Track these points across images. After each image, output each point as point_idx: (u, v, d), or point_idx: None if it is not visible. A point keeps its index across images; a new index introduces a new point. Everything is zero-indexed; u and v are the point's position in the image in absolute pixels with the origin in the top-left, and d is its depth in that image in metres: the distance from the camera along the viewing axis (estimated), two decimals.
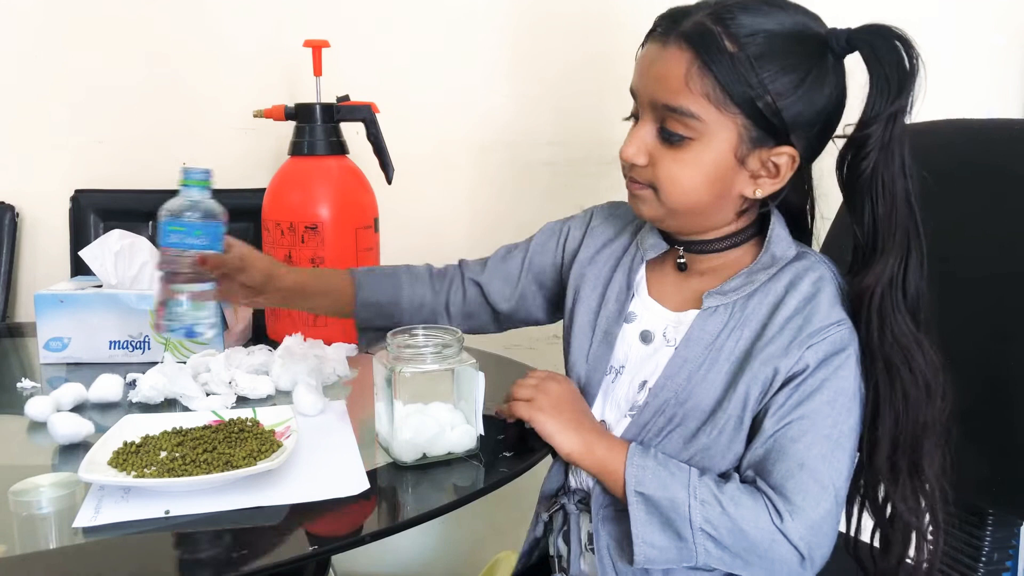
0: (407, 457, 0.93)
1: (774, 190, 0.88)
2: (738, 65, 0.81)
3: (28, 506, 0.82)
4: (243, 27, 1.72)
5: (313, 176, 1.39)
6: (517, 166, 1.69)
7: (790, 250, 0.91)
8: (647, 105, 0.88)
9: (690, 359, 0.89)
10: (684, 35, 0.83)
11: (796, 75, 0.83)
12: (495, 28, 1.66)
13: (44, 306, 1.29)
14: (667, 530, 0.84)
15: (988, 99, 1.58)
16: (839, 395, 0.84)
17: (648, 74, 0.87)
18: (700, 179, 0.86)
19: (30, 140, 1.79)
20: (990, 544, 1.03)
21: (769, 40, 0.82)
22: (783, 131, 0.84)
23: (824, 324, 0.84)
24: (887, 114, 0.82)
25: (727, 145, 0.85)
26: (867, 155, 0.83)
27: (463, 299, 1.11)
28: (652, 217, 0.93)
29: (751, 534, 0.81)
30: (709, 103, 0.83)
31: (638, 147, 0.88)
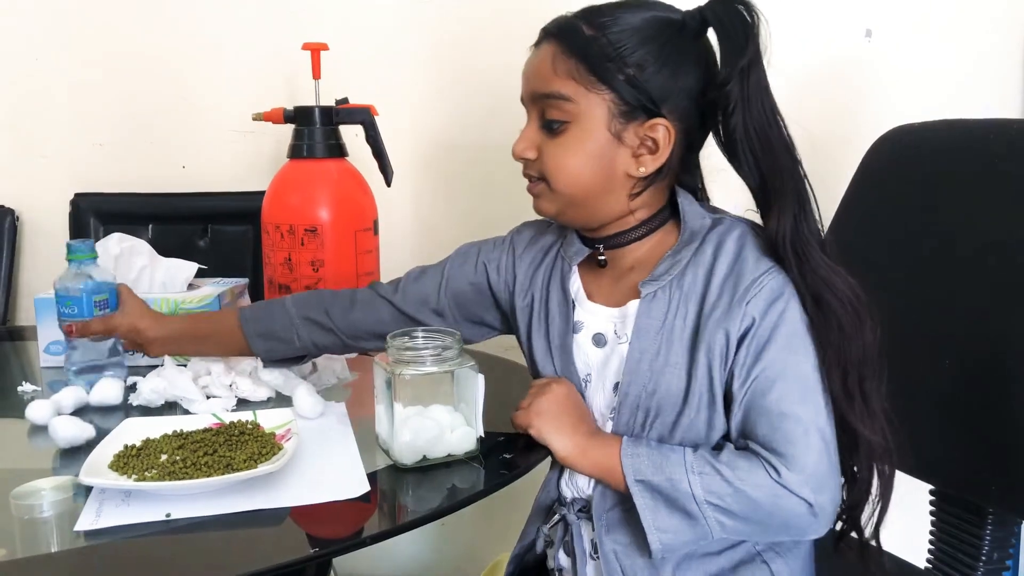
0: (407, 459, 0.93)
1: (657, 165, 0.90)
2: (596, 44, 0.87)
3: (29, 509, 0.83)
4: (242, 31, 1.72)
5: (312, 179, 1.39)
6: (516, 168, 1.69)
7: (705, 219, 0.93)
8: (528, 102, 0.95)
9: (646, 349, 0.90)
10: (549, 32, 0.92)
11: (652, 47, 0.87)
12: (494, 30, 1.66)
13: (44, 310, 1.30)
14: (675, 511, 0.85)
15: (987, 99, 1.58)
16: (791, 338, 0.85)
17: (526, 75, 0.95)
18: (582, 160, 0.90)
19: (30, 144, 1.80)
20: (990, 543, 1.04)
21: (625, 22, 0.88)
22: (651, 104, 0.88)
23: (755, 275, 0.86)
24: (739, 68, 0.85)
25: (601, 122, 0.89)
26: (733, 112, 0.86)
27: (369, 319, 1.09)
28: (552, 212, 0.96)
29: (755, 495, 0.82)
30: (576, 83, 0.88)
31: (526, 143, 0.94)
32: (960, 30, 1.57)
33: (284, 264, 1.37)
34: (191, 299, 1.30)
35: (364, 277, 1.40)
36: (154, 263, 1.37)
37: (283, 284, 1.38)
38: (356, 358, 1.29)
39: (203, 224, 1.73)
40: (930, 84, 1.56)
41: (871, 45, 1.56)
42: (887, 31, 1.56)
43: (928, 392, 1.03)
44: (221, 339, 1.12)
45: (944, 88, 1.57)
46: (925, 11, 1.56)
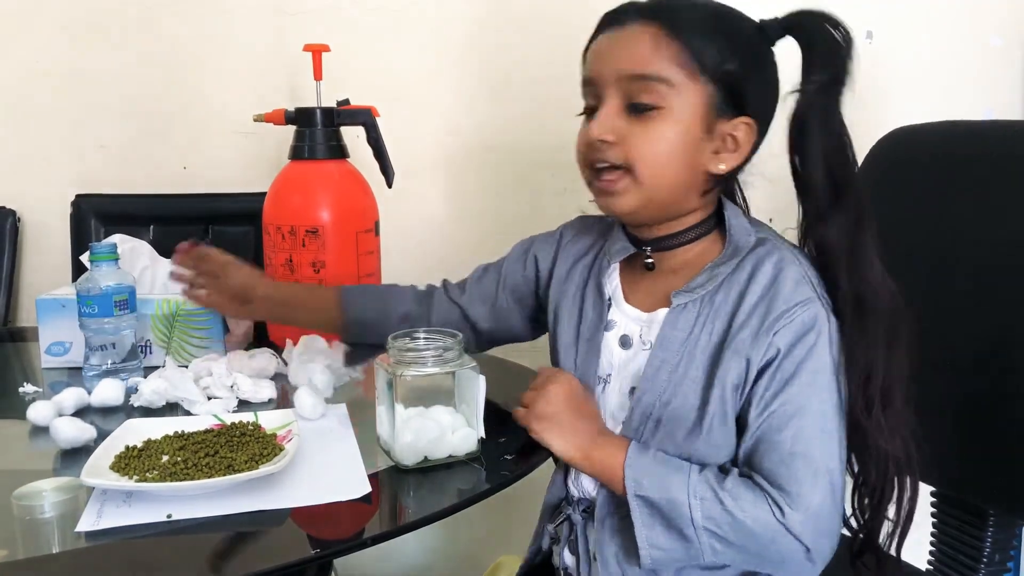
0: (408, 460, 0.93)
1: (735, 164, 0.90)
2: (703, 31, 0.86)
3: (31, 510, 0.83)
4: (244, 32, 1.72)
5: (314, 180, 1.39)
6: (517, 169, 1.69)
7: (750, 237, 0.91)
8: (611, 82, 0.88)
9: (667, 359, 0.89)
10: (644, 11, 0.87)
11: (748, 47, 0.88)
12: (495, 31, 1.67)
13: (46, 311, 1.30)
14: (670, 531, 0.84)
15: (987, 101, 1.58)
16: (816, 375, 0.83)
17: (610, 55, 0.89)
18: (671, 148, 0.87)
19: (31, 144, 1.80)
20: (991, 545, 1.04)
21: (719, 16, 0.88)
22: (742, 101, 0.87)
23: (788, 306, 0.84)
24: (826, 86, 0.86)
25: (695, 113, 0.87)
26: (812, 128, 0.87)
27: (446, 321, 1.13)
28: (628, 209, 0.91)
29: (754, 529, 0.81)
30: (680, 68, 0.85)
31: (604, 126, 0.88)
32: (961, 31, 1.57)
33: (285, 265, 1.37)
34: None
35: (365, 279, 1.40)
36: (155, 264, 1.38)
37: None
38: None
39: (204, 225, 1.73)
40: (931, 86, 1.56)
41: (872, 47, 1.56)
42: (888, 33, 1.56)
43: (929, 394, 1.03)
44: (315, 311, 1.18)
45: (945, 89, 1.57)
46: (925, 13, 1.56)
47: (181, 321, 1.30)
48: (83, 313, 1.19)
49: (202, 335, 1.30)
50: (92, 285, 1.18)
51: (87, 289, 1.18)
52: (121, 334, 1.21)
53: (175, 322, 1.30)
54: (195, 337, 1.30)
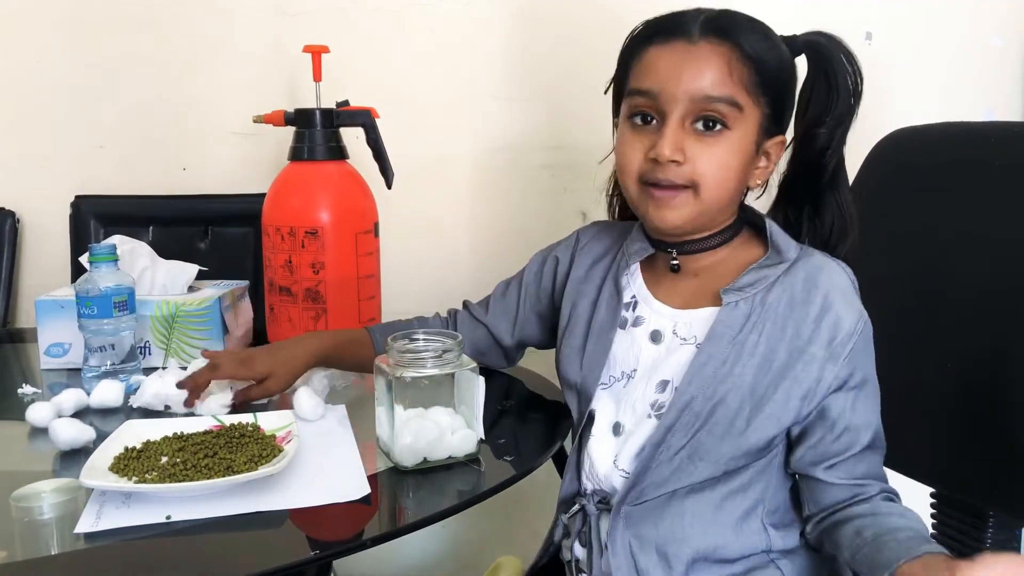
0: (408, 462, 0.93)
1: (767, 177, 0.95)
2: (771, 57, 0.89)
3: (30, 512, 0.83)
4: (243, 33, 1.72)
5: (313, 181, 1.39)
6: (516, 170, 1.69)
7: (791, 242, 0.93)
8: (681, 100, 0.87)
9: (715, 355, 0.89)
10: (714, 29, 0.88)
11: (789, 68, 0.92)
12: (494, 32, 1.66)
13: (45, 312, 1.30)
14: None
15: (987, 101, 1.58)
16: (870, 382, 0.90)
17: (682, 73, 0.87)
18: (735, 169, 0.90)
19: (31, 146, 1.80)
20: (991, 546, 1.03)
21: (770, 39, 0.90)
22: (782, 120, 0.92)
23: (853, 325, 0.88)
24: (845, 113, 0.92)
25: (752, 134, 0.90)
26: (833, 151, 0.93)
27: (473, 342, 1.16)
28: (680, 223, 0.91)
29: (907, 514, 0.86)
30: (747, 92, 0.88)
31: (674, 145, 0.88)
32: (961, 32, 1.57)
33: (285, 266, 1.37)
34: (192, 301, 1.30)
35: (365, 280, 1.40)
36: (155, 265, 1.37)
37: (284, 286, 1.38)
38: None
39: (204, 226, 1.73)
40: (931, 86, 1.56)
41: (871, 48, 1.56)
42: (887, 34, 1.56)
43: (929, 395, 1.03)
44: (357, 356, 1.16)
45: (945, 90, 1.57)
46: (925, 14, 1.56)
47: (180, 322, 1.30)
48: (82, 314, 1.19)
49: (201, 336, 1.30)
50: (91, 286, 1.18)
51: (86, 290, 1.18)
52: (120, 335, 1.21)
53: (174, 323, 1.30)
54: (194, 338, 1.30)
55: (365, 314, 1.41)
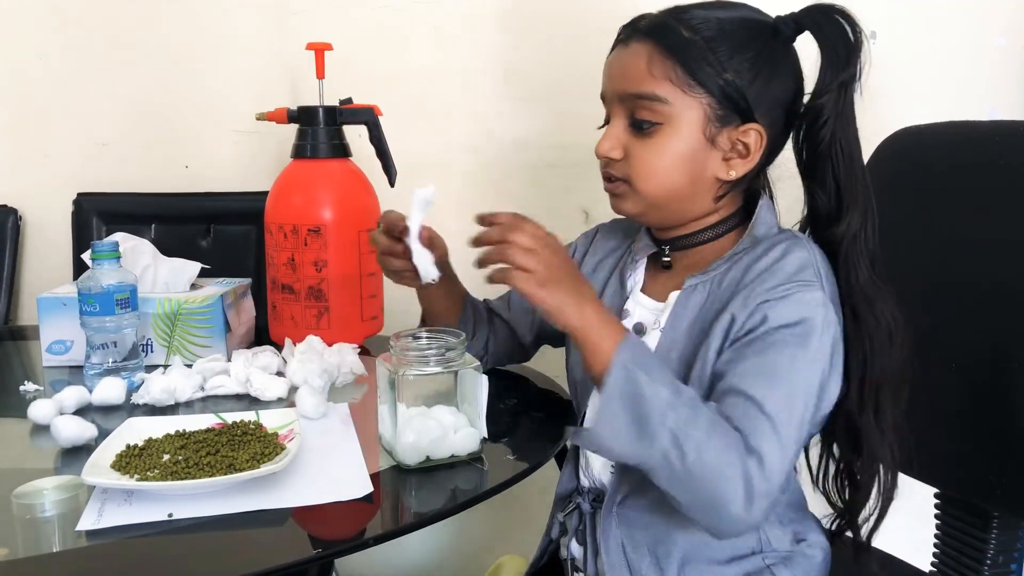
0: (410, 460, 0.93)
1: (747, 170, 0.92)
2: (695, 47, 0.87)
3: (31, 509, 0.83)
4: (246, 30, 1.72)
5: (316, 179, 1.39)
6: (519, 168, 1.69)
7: (772, 229, 0.92)
8: (616, 100, 0.92)
9: (676, 340, 0.90)
10: (643, 30, 0.91)
11: (750, 54, 0.88)
12: (498, 30, 1.66)
13: (47, 309, 1.30)
14: (634, 418, 0.78)
15: (991, 101, 1.58)
16: (799, 351, 0.82)
17: (613, 72, 0.93)
18: (672, 162, 0.90)
19: (33, 143, 1.80)
20: (995, 547, 1.03)
21: (721, 25, 0.89)
22: (747, 109, 0.89)
23: (785, 282, 0.84)
24: (838, 83, 0.87)
25: (695, 126, 0.89)
26: (825, 123, 0.88)
27: (496, 339, 1.17)
28: (634, 212, 0.95)
29: (717, 459, 0.76)
30: (673, 85, 0.88)
31: (612, 143, 0.92)
32: (964, 32, 1.56)
33: (287, 264, 1.37)
34: (194, 299, 1.30)
35: (367, 278, 1.40)
36: (157, 263, 1.37)
37: (286, 284, 1.38)
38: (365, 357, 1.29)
39: (206, 224, 1.73)
40: (935, 86, 1.56)
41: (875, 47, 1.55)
42: (891, 33, 1.55)
43: (933, 395, 1.03)
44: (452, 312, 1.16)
45: (949, 90, 1.56)
46: (929, 13, 1.56)
47: (182, 320, 1.29)
48: (84, 312, 1.19)
49: (203, 334, 1.30)
50: (93, 283, 1.18)
51: (88, 288, 1.18)
52: (122, 333, 1.21)
53: (176, 321, 1.30)
54: (196, 336, 1.30)
55: (367, 312, 1.41)
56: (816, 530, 0.96)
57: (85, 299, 1.18)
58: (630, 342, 0.81)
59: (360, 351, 1.31)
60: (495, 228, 0.86)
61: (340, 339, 1.31)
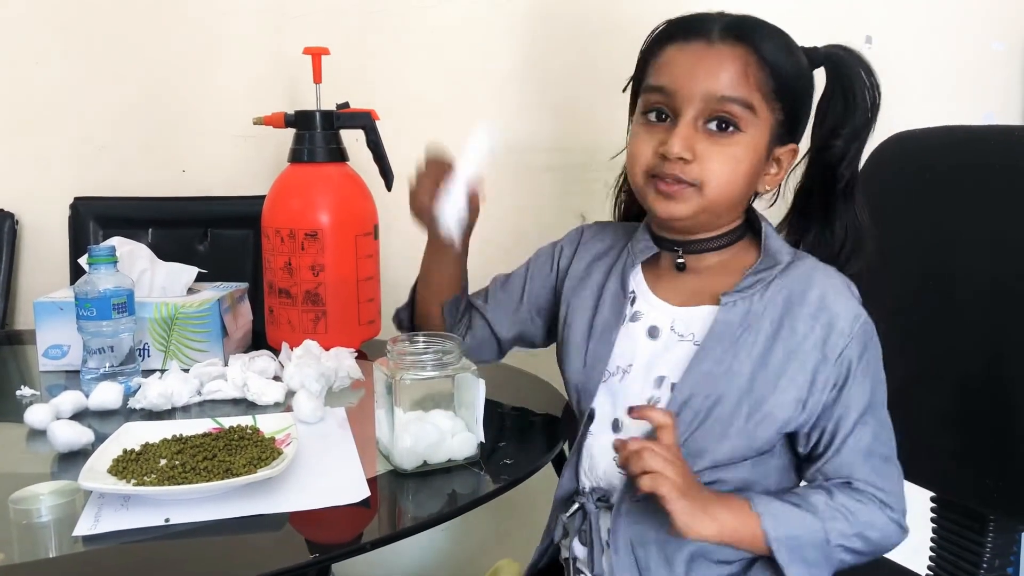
0: (407, 465, 0.93)
1: (776, 184, 0.96)
2: (789, 62, 0.89)
3: (28, 514, 0.83)
4: (243, 34, 1.72)
5: (313, 183, 1.39)
6: (518, 172, 1.69)
7: (784, 246, 0.95)
8: (695, 99, 0.89)
9: (715, 356, 0.90)
10: (739, 31, 0.89)
11: (806, 76, 0.92)
12: (495, 34, 1.66)
13: (43, 313, 1.30)
14: (818, 563, 0.87)
15: (988, 105, 1.58)
16: (878, 383, 0.90)
17: (698, 72, 0.89)
18: (743, 171, 0.90)
19: (30, 147, 1.79)
20: (991, 550, 1.03)
21: (790, 46, 0.91)
22: (795, 128, 0.92)
23: (849, 321, 0.88)
24: (862, 127, 0.93)
25: (764, 139, 0.90)
26: (849, 164, 0.94)
27: (473, 333, 1.14)
28: (683, 215, 0.92)
29: (876, 532, 0.88)
30: (762, 96, 0.88)
31: (685, 143, 0.89)
32: (960, 36, 1.57)
33: (284, 268, 1.37)
34: (191, 303, 1.29)
35: (364, 282, 1.40)
36: (154, 267, 1.37)
37: (283, 288, 1.38)
38: (362, 361, 1.29)
39: (203, 228, 1.73)
40: (930, 90, 1.56)
41: (871, 52, 1.55)
42: (888, 38, 1.56)
43: (929, 400, 1.03)
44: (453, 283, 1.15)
45: (944, 94, 1.57)
46: (925, 17, 1.56)
47: (179, 324, 1.29)
48: (81, 316, 1.19)
49: (200, 338, 1.30)
50: (90, 288, 1.18)
51: (85, 292, 1.18)
52: (119, 337, 1.21)
53: (173, 325, 1.30)
54: (193, 340, 1.30)
55: (365, 316, 1.41)
56: None
57: (82, 303, 1.18)
58: (767, 516, 0.85)
59: (357, 355, 1.31)
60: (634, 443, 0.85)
61: (337, 343, 1.32)
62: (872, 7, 1.56)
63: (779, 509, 0.86)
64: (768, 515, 0.85)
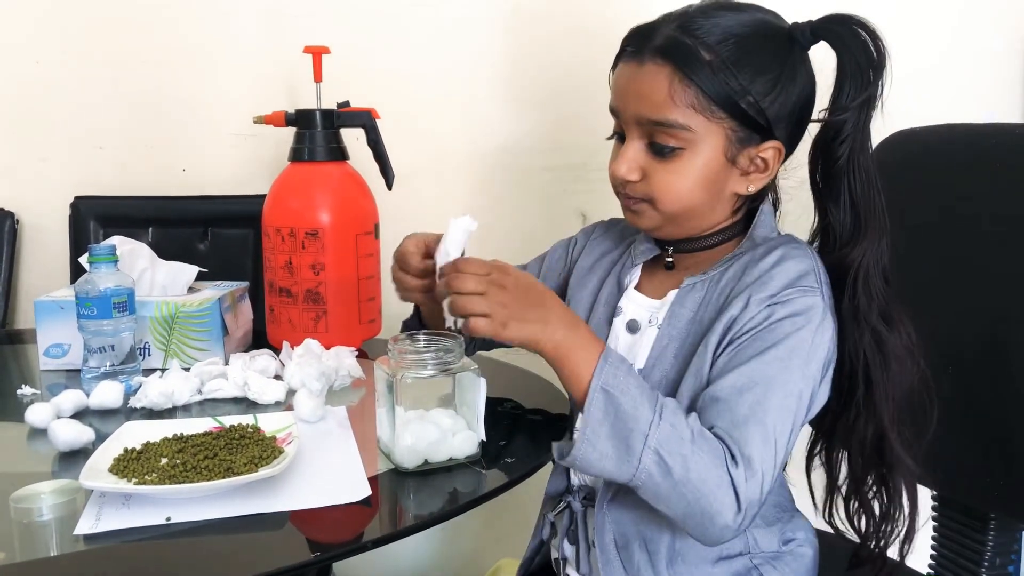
0: (408, 463, 0.93)
1: (764, 184, 0.91)
2: (717, 71, 0.84)
3: (29, 513, 0.82)
4: (243, 33, 1.72)
5: (313, 182, 1.39)
6: (517, 172, 1.69)
7: (772, 232, 0.93)
8: (632, 122, 0.89)
9: (674, 336, 0.90)
10: (659, 50, 0.86)
11: (772, 72, 0.86)
12: (495, 34, 1.66)
13: (44, 313, 1.29)
14: (616, 438, 0.78)
15: (988, 103, 1.58)
16: (793, 354, 0.82)
17: (629, 92, 0.89)
18: (694, 184, 0.88)
19: (30, 147, 1.79)
20: (992, 548, 1.03)
21: (740, 42, 0.85)
22: (767, 128, 0.87)
23: (788, 287, 0.84)
24: (860, 100, 0.85)
25: (717, 149, 0.87)
26: (844, 140, 0.86)
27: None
28: (651, 227, 0.94)
29: (702, 472, 0.77)
30: (696, 112, 0.85)
31: (629, 165, 0.90)
32: (962, 34, 1.57)
33: (285, 267, 1.37)
34: (192, 302, 1.29)
35: (365, 281, 1.40)
36: (155, 266, 1.37)
37: (284, 287, 1.38)
38: (363, 360, 1.29)
39: (203, 227, 1.73)
40: (932, 88, 1.56)
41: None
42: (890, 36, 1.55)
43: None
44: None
45: (946, 92, 1.57)
46: (926, 17, 1.56)
47: (180, 323, 1.29)
48: (82, 315, 1.19)
49: (201, 337, 1.30)
50: (91, 287, 1.18)
51: (86, 291, 1.18)
52: (120, 336, 1.21)
53: (174, 324, 1.29)
54: (194, 339, 1.30)
55: (366, 316, 1.41)
56: (805, 528, 0.97)
57: (82, 302, 1.18)
58: (608, 363, 0.80)
59: (358, 354, 1.31)
60: (441, 281, 0.86)
61: (338, 342, 1.31)
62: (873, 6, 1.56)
63: (626, 374, 0.80)
64: (611, 365, 0.80)
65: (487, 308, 0.82)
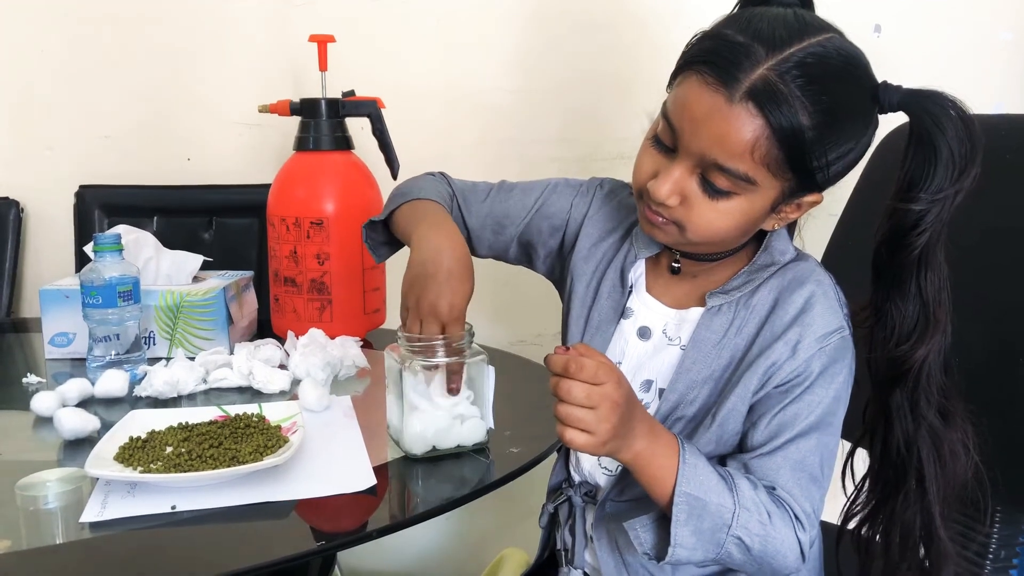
0: (417, 450, 0.93)
1: (786, 223, 0.88)
2: (808, 142, 0.77)
3: (34, 501, 0.83)
4: (248, 22, 1.72)
5: (318, 171, 1.39)
6: (523, 162, 1.68)
7: (789, 248, 0.90)
8: (693, 154, 0.80)
9: (699, 360, 0.88)
10: (754, 95, 0.76)
11: (853, 141, 0.81)
12: (502, 23, 1.66)
13: (49, 301, 1.30)
14: (701, 533, 0.80)
15: (997, 95, 1.57)
16: (836, 404, 0.85)
17: (703, 126, 0.78)
18: (732, 225, 0.83)
19: (35, 136, 1.79)
20: (997, 542, 1.03)
21: (836, 106, 0.77)
22: (822, 185, 0.83)
23: (827, 331, 0.84)
24: (952, 191, 0.78)
25: (768, 200, 0.82)
26: (924, 231, 0.80)
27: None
28: (664, 243, 0.90)
29: (778, 547, 0.81)
30: (767, 170, 0.79)
31: (671, 189, 0.82)
32: (970, 26, 1.56)
33: (290, 257, 1.37)
34: (196, 291, 1.29)
35: (370, 271, 1.40)
36: (159, 255, 1.37)
37: (288, 277, 1.37)
38: (368, 350, 1.29)
39: (208, 217, 1.73)
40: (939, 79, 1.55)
41: (880, 41, 1.55)
42: (897, 27, 1.55)
43: None
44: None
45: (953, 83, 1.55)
46: (935, 7, 1.56)
47: (185, 312, 1.29)
48: (87, 304, 1.19)
49: (205, 326, 1.30)
50: (96, 276, 1.18)
51: (91, 280, 1.18)
52: (125, 325, 1.21)
53: (179, 313, 1.29)
54: (199, 328, 1.30)
55: (370, 305, 1.41)
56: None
57: (88, 291, 1.18)
58: (686, 463, 0.80)
59: (363, 344, 1.31)
60: (552, 380, 0.77)
61: (343, 332, 1.32)
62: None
63: (704, 470, 0.80)
64: (690, 466, 0.80)
65: (594, 426, 0.75)
